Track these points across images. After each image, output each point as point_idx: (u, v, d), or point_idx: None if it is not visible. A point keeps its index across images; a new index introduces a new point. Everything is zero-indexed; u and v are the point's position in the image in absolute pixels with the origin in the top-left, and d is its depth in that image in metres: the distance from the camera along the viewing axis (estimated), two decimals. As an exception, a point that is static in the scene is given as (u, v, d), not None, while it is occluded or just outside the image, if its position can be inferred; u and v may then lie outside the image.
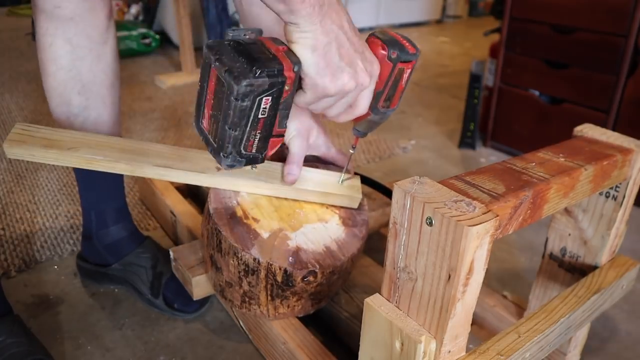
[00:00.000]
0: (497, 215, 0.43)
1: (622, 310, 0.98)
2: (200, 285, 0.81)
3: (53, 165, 1.49)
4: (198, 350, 0.87)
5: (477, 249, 0.41)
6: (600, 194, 0.65)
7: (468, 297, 0.43)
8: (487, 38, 1.78)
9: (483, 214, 0.42)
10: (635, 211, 1.29)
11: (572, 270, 0.71)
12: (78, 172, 0.93)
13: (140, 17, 3.09)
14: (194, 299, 0.82)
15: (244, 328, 0.88)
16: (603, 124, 1.29)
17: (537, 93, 1.50)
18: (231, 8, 2.42)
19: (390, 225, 0.47)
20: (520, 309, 0.84)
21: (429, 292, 0.45)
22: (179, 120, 1.89)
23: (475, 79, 1.61)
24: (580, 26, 1.34)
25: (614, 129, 1.28)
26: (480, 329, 0.87)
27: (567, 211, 0.69)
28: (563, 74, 1.41)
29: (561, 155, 0.57)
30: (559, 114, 1.45)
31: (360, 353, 0.52)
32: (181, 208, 1.08)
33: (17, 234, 1.16)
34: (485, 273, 0.44)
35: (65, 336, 0.89)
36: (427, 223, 0.43)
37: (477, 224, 0.40)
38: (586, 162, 0.56)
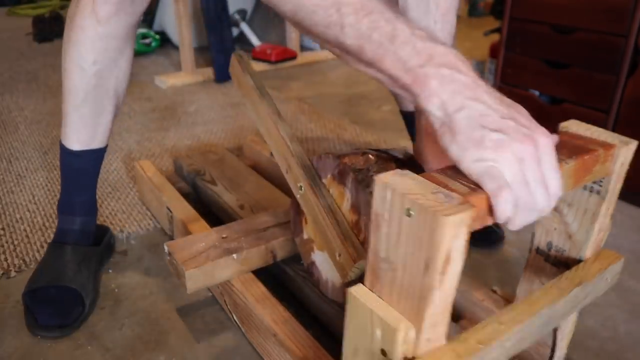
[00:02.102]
0: (475, 206, 0.44)
1: (622, 310, 0.98)
2: (193, 279, 0.82)
3: (53, 165, 1.51)
4: (198, 350, 0.88)
5: (453, 238, 0.42)
6: (585, 188, 0.66)
7: (446, 286, 0.45)
8: (487, 38, 1.79)
9: (460, 204, 0.43)
10: (635, 211, 1.30)
11: (558, 264, 0.72)
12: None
13: (141, 17, 3.12)
14: (188, 292, 0.83)
15: (237, 321, 0.89)
16: (603, 124, 1.29)
17: (537, 93, 1.51)
18: (231, 8, 2.43)
19: (373, 217, 0.48)
20: (509, 303, 0.86)
21: (409, 282, 0.46)
22: (179, 120, 1.91)
23: (472, 79, 1.62)
24: (580, 26, 1.34)
25: (613, 129, 1.29)
26: (470, 323, 0.88)
27: (552, 206, 0.70)
28: (563, 74, 1.42)
29: (543, 149, 0.58)
30: (559, 114, 1.45)
31: (344, 342, 0.53)
32: (177, 204, 1.10)
33: (17, 234, 1.18)
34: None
35: (65, 336, 0.90)
36: (406, 214, 0.44)
37: (452, 214, 0.41)
38: (567, 156, 0.57)
